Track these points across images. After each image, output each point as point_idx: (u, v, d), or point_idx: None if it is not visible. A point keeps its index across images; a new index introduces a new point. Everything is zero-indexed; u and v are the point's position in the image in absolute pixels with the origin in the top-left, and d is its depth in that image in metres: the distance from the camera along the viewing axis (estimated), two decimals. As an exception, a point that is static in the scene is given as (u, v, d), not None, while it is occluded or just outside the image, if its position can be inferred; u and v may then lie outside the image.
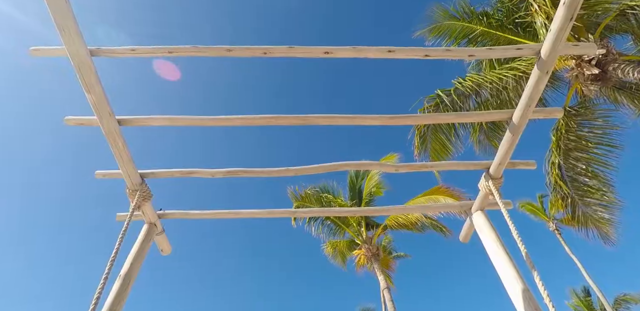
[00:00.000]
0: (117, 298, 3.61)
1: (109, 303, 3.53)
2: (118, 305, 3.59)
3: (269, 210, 4.42)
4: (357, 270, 14.12)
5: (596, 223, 9.45)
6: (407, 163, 3.85)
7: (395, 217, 12.00)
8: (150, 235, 4.36)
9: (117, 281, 3.78)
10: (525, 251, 2.83)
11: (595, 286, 17.52)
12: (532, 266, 2.73)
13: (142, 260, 4.13)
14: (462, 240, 4.49)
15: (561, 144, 8.89)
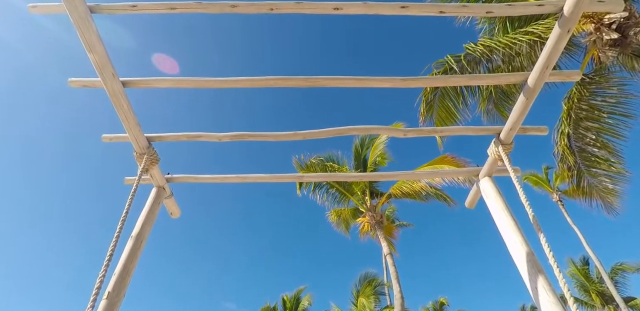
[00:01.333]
0: (131, 257, 3.73)
1: (123, 261, 3.65)
2: (131, 263, 3.71)
3: (276, 175, 4.43)
4: (361, 237, 14.50)
5: (601, 194, 9.47)
6: (415, 127, 3.78)
7: (400, 186, 12.09)
8: (159, 198, 4.43)
9: (129, 241, 3.88)
10: (533, 214, 2.83)
11: (593, 255, 17.92)
12: (538, 228, 2.74)
13: (152, 222, 4.22)
14: (467, 206, 4.51)
15: (572, 113, 8.71)
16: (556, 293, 3.00)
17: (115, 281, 3.46)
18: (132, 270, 3.68)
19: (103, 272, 2.71)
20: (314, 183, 12.93)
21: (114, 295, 3.38)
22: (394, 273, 10.09)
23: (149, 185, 4.59)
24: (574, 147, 9.04)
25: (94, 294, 2.56)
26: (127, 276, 3.61)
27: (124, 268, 3.61)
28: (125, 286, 3.55)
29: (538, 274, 3.09)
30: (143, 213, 4.18)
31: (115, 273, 3.56)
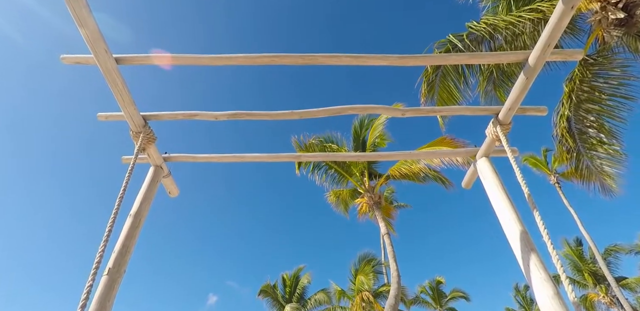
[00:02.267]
0: (130, 234, 3.77)
1: (122, 238, 3.70)
2: (131, 241, 3.76)
3: (274, 154, 4.43)
4: (359, 218, 14.67)
5: (599, 176, 9.51)
6: (414, 107, 3.75)
7: (399, 167, 12.12)
8: (156, 177, 4.44)
9: (128, 219, 3.92)
10: (528, 192, 2.85)
11: (588, 236, 18.21)
12: (533, 206, 2.76)
13: (150, 200, 4.25)
14: (464, 186, 4.54)
15: (573, 95, 8.62)
16: (547, 270, 3.06)
17: (115, 258, 3.52)
18: (131, 247, 3.73)
19: (102, 248, 2.75)
20: (312, 164, 12.96)
21: (114, 271, 3.44)
22: (391, 252, 10.27)
23: (147, 164, 4.60)
24: (574, 129, 9.00)
25: (94, 268, 2.60)
26: (127, 253, 3.66)
27: (123, 245, 3.67)
28: (126, 262, 3.61)
29: (531, 252, 3.14)
30: (141, 192, 4.20)
31: (115, 250, 3.61)
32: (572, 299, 2.17)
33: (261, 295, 25.64)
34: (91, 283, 2.50)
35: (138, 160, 4.67)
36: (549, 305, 2.83)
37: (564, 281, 2.32)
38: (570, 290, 2.20)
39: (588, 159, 9.11)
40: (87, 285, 2.48)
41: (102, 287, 3.28)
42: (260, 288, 25.68)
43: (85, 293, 2.44)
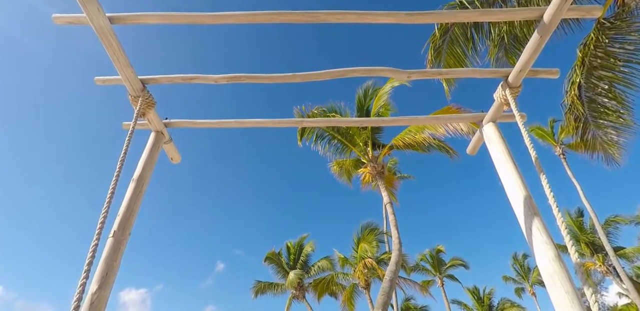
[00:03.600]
0: (133, 198, 3.80)
1: (126, 202, 3.73)
2: (135, 204, 3.79)
3: (276, 119, 4.35)
4: (362, 188, 14.79)
5: (604, 146, 9.40)
6: (420, 69, 3.60)
7: (403, 137, 12.01)
8: (158, 142, 4.40)
9: (131, 184, 3.94)
10: (536, 156, 2.79)
11: (589, 207, 18.35)
12: (540, 170, 2.71)
13: (152, 166, 4.24)
14: (469, 152, 4.48)
15: (586, 61, 8.31)
16: (550, 234, 3.07)
17: (119, 221, 3.57)
18: (135, 211, 3.77)
19: (106, 209, 2.76)
20: (315, 134, 12.88)
21: (119, 234, 3.50)
22: (393, 220, 10.42)
23: (148, 130, 4.56)
24: (584, 97, 8.77)
25: (98, 228, 2.63)
26: (131, 217, 3.71)
27: (127, 208, 3.70)
28: (130, 225, 3.66)
29: (534, 216, 3.13)
30: (143, 158, 4.19)
31: (119, 213, 3.66)
32: (574, 260, 2.17)
33: (266, 262, 26.54)
34: (96, 243, 2.53)
35: (139, 126, 4.64)
36: (550, 267, 2.85)
37: (567, 243, 2.31)
38: (573, 251, 2.20)
39: (595, 128, 8.95)
40: (92, 244, 2.52)
41: (108, 248, 3.36)
42: (266, 255, 26.53)
43: (91, 251, 2.48)
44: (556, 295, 2.76)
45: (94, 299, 3.06)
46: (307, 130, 12.80)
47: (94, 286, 3.13)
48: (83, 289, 2.26)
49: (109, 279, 3.23)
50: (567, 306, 2.67)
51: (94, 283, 3.15)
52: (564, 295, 2.71)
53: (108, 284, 3.22)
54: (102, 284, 3.16)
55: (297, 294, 24.57)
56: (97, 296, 3.08)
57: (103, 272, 3.22)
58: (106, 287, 3.19)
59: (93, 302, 3.04)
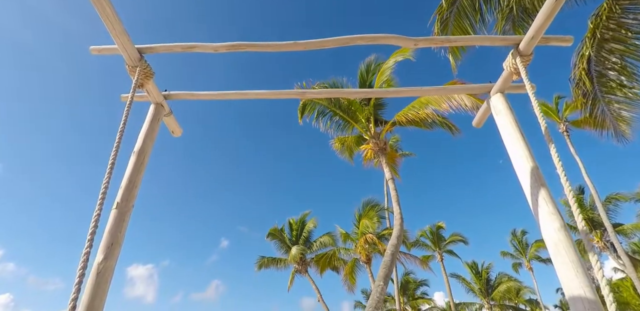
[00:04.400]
0: (135, 171, 3.77)
1: (128, 174, 3.70)
2: (137, 177, 3.76)
3: (277, 91, 4.23)
4: (364, 164, 14.77)
5: (613, 122, 9.25)
6: (427, 36, 3.45)
7: (406, 113, 11.84)
8: (157, 115, 4.32)
9: (132, 157, 3.90)
10: (545, 125, 2.71)
11: (590, 183, 18.38)
12: (549, 139, 2.64)
13: (153, 138, 4.18)
14: (475, 124, 4.38)
15: (597, 33, 8.02)
16: (556, 204, 3.04)
17: (122, 193, 3.56)
18: (138, 183, 3.75)
19: (107, 179, 2.72)
20: (317, 111, 12.72)
21: (123, 205, 3.50)
22: (394, 196, 10.45)
23: (148, 103, 4.47)
24: (593, 71, 8.54)
25: (100, 198, 2.60)
26: (134, 189, 3.69)
27: (129, 181, 3.68)
28: (133, 197, 3.65)
29: (541, 187, 3.09)
30: (143, 130, 4.13)
31: (122, 186, 3.64)
32: (581, 228, 2.14)
33: (269, 238, 27.04)
34: (99, 213, 2.51)
35: (139, 98, 4.55)
36: (555, 237, 2.84)
37: (574, 212, 2.27)
38: (580, 219, 2.17)
39: (604, 104, 8.77)
40: (94, 214, 2.50)
41: (112, 220, 3.37)
42: (269, 231, 27.00)
43: (94, 221, 2.46)
44: (560, 265, 2.76)
45: (101, 269, 3.09)
46: (308, 107, 12.63)
47: (100, 256, 3.16)
48: (87, 258, 2.26)
49: (114, 250, 3.25)
50: (572, 275, 2.68)
51: (100, 254, 3.17)
52: (569, 263, 2.71)
53: (114, 255, 3.24)
54: (108, 254, 3.19)
55: (300, 269, 25.19)
56: (103, 266, 3.11)
57: (108, 243, 3.24)
58: (112, 258, 3.21)
59: (100, 272, 3.07)
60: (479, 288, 38.76)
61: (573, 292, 2.65)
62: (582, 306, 2.57)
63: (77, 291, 2.06)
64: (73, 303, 2.02)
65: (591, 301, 2.55)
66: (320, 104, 12.55)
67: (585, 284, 2.63)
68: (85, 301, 2.86)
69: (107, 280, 3.09)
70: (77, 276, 2.10)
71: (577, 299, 2.62)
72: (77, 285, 2.08)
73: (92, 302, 2.83)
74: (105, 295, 3.01)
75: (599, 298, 2.66)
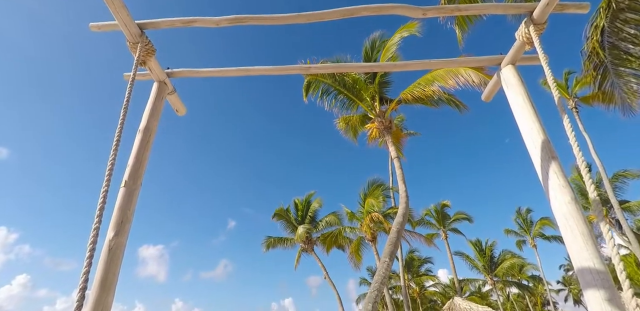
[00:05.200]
0: (141, 149, 3.76)
1: (134, 152, 3.70)
2: (143, 155, 3.75)
3: (281, 66, 4.14)
4: (369, 143, 14.68)
5: (622, 95, 9.05)
6: (436, 5, 3.31)
7: (412, 90, 11.64)
8: (161, 93, 4.28)
9: (138, 135, 3.89)
10: (559, 95, 2.63)
11: (599, 161, 18.21)
12: (562, 110, 2.57)
13: (158, 116, 4.15)
14: (484, 98, 4.29)
15: (612, 2, 7.71)
16: (566, 177, 3.00)
17: (130, 172, 3.57)
18: (145, 161, 3.75)
19: (113, 156, 2.71)
20: (321, 89, 12.54)
21: (131, 183, 3.51)
22: (400, 174, 10.44)
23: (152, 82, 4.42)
24: (606, 43, 8.27)
25: (107, 174, 2.60)
26: (141, 167, 3.69)
27: (136, 159, 3.68)
28: (141, 176, 3.66)
29: (551, 160, 3.04)
30: (147, 108, 4.10)
31: (129, 164, 3.64)
32: (592, 197, 2.11)
33: (275, 218, 27.41)
34: (106, 189, 2.51)
35: (141, 76, 4.50)
36: (565, 210, 2.82)
37: (587, 182, 2.24)
38: (592, 189, 2.13)
39: (615, 76, 8.54)
40: (102, 190, 2.50)
41: (121, 198, 3.39)
42: (274, 212, 27.33)
43: (102, 197, 2.47)
44: (570, 237, 2.75)
45: (112, 245, 3.13)
46: (312, 85, 12.44)
47: (111, 233, 3.20)
48: (97, 233, 2.28)
49: (124, 227, 3.29)
50: (581, 247, 2.67)
51: (111, 231, 3.22)
52: (579, 236, 2.70)
53: (124, 231, 3.28)
54: (119, 231, 3.23)
55: (306, 247, 25.65)
56: (114, 243, 3.16)
57: (118, 220, 3.28)
58: (122, 234, 3.26)
59: (111, 248, 3.12)
60: (483, 265, 39.41)
61: (582, 264, 2.65)
62: (591, 277, 2.57)
63: (89, 265, 2.09)
64: (85, 276, 2.06)
65: (600, 271, 2.55)
66: (324, 83, 12.35)
67: (594, 255, 2.62)
68: (99, 275, 2.92)
69: (119, 256, 3.14)
70: (87, 251, 2.12)
71: (585, 270, 2.62)
72: (89, 258, 2.11)
73: (106, 276, 2.89)
74: (118, 270, 3.07)
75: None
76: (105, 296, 2.89)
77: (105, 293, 2.90)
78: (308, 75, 12.51)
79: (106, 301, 2.90)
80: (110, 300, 2.96)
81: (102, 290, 2.88)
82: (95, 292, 2.85)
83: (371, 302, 6.76)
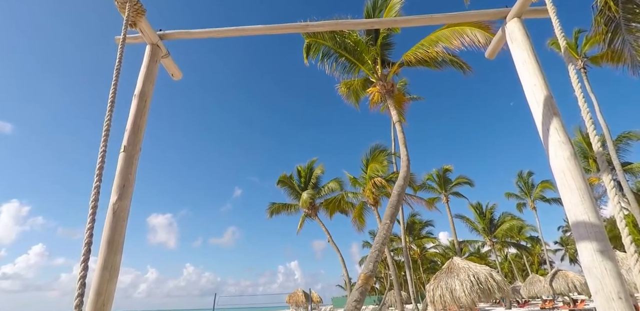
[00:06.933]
0: (138, 114, 3.73)
1: (132, 118, 3.68)
2: (141, 120, 3.73)
3: (278, 25, 3.98)
4: (371, 108, 14.49)
5: (632, 52, 8.74)
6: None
7: (415, 52, 11.26)
8: (155, 56, 4.17)
9: (134, 100, 3.84)
10: (565, 45, 2.52)
11: (603, 122, 18.00)
12: (569, 60, 2.48)
13: (153, 81, 4.08)
14: (488, 55, 4.15)
15: (630, -49, 7.22)
16: (567, 134, 2.97)
17: (128, 136, 3.57)
18: (143, 126, 3.73)
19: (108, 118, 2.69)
20: (322, 52, 12.16)
21: (130, 149, 3.52)
22: (402, 138, 10.40)
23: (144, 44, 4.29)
24: (619, -3, 7.84)
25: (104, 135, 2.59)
26: (139, 132, 3.68)
27: (134, 124, 3.67)
28: (139, 141, 3.66)
29: (553, 116, 2.99)
30: (141, 72, 4.02)
31: (127, 129, 3.63)
32: (596, 149, 2.09)
33: (279, 185, 27.86)
34: (104, 149, 2.52)
35: (133, 39, 4.35)
36: (564, 165, 2.82)
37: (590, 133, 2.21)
38: (596, 140, 2.11)
39: (626, 32, 8.19)
40: (100, 150, 2.51)
41: (122, 162, 3.42)
42: (278, 179, 27.73)
43: (100, 157, 2.48)
44: (567, 193, 2.77)
45: (116, 208, 3.20)
46: (312, 47, 12.05)
47: (114, 197, 3.26)
48: (97, 191, 2.32)
49: (127, 190, 3.34)
50: (578, 202, 2.69)
51: (114, 194, 3.27)
52: (576, 191, 2.72)
53: (127, 195, 3.34)
54: (122, 195, 3.29)
55: (310, 213, 26.28)
56: (118, 206, 3.22)
57: (120, 184, 3.33)
58: (126, 198, 3.32)
59: (116, 211, 3.19)
60: (483, 227, 40.47)
61: (577, 218, 2.69)
62: (585, 230, 2.62)
63: (92, 222, 2.14)
64: (89, 231, 2.11)
65: (595, 225, 2.59)
66: (324, 45, 11.96)
67: (590, 209, 2.66)
68: (105, 236, 3.02)
69: (124, 218, 3.22)
70: (90, 208, 2.17)
71: (580, 224, 2.66)
72: (92, 215, 2.16)
73: (113, 236, 2.99)
74: (124, 232, 3.16)
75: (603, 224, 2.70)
76: (113, 255, 2.99)
77: (113, 252, 3.00)
78: (308, 37, 12.09)
79: (114, 260, 3.01)
80: (119, 260, 3.07)
81: (109, 249, 2.99)
82: (103, 251, 2.96)
83: (372, 261, 7.02)
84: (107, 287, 2.81)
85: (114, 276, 2.91)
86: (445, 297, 12.40)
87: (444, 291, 12.50)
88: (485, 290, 12.06)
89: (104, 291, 2.76)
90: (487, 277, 12.37)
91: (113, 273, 2.94)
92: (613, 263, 2.45)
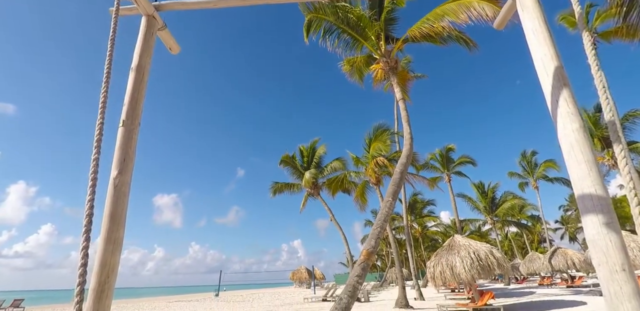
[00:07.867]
0: (136, 88, 3.66)
1: (129, 92, 3.61)
2: (139, 94, 3.66)
3: (277, -6, 3.81)
4: (374, 86, 14.26)
5: (647, 26, 8.43)
6: None
7: (419, 27, 10.89)
8: (151, 28, 4.04)
9: (131, 73, 3.76)
10: (580, 11, 2.40)
11: (610, 97, 17.71)
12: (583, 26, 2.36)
13: (150, 54, 3.98)
14: (496, 26, 3.99)
15: None
16: (577, 106, 2.88)
17: (127, 110, 3.51)
18: (141, 100, 3.66)
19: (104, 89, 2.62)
20: (323, 28, 11.80)
21: (129, 123, 3.47)
22: (405, 116, 10.26)
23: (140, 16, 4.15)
24: (636, -35, 7.48)
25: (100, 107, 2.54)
26: (138, 106, 3.62)
27: (132, 98, 3.61)
28: (138, 115, 3.60)
29: (563, 87, 2.89)
30: (138, 45, 3.92)
31: (125, 103, 3.57)
32: (608, 118, 2.02)
33: (282, 165, 27.93)
34: (102, 121, 2.47)
35: (129, 11, 4.22)
36: (572, 137, 2.75)
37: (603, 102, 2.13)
38: (608, 109, 2.03)
39: (642, 5, 7.87)
40: (97, 123, 2.45)
41: (121, 137, 3.38)
42: (281, 159, 27.77)
43: (98, 129, 2.43)
44: (575, 165, 2.71)
45: (117, 183, 3.19)
46: (314, 24, 11.70)
47: (114, 171, 3.24)
48: (97, 163, 2.29)
49: (127, 165, 3.32)
50: (585, 174, 2.64)
51: (114, 169, 3.25)
52: (583, 163, 2.66)
53: (127, 170, 3.32)
54: (122, 169, 3.27)
55: (312, 192, 26.46)
56: (119, 181, 3.21)
57: (120, 158, 3.30)
58: (126, 172, 3.30)
59: (117, 185, 3.18)
60: (484, 206, 40.76)
61: (584, 190, 2.64)
62: (591, 203, 2.58)
63: (92, 193, 2.12)
64: (90, 203, 2.10)
65: (602, 197, 2.55)
66: (326, 21, 11.60)
67: (597, 182, 2.60)
68: (107, 210, 3.01)
69: (125, 193, 3.21)
70: (90, 180, 2.14)
71: (586, 196, 2.62)
72: (92, 187, 2.13)
73: (115, 209, 2.99)
74: (126, 206, 3.15)
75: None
76: (115, 229, 3.00)
77: (115, 226, 3.01)
78: (309, 12, 11.73)
79: (117, 235, 3.02)
80: (121, 235, 3.08)
81: (112, 223, 2.99)
82: (105, 225, 2.96)
83: (374, 238, 7.08)
84: (111, 259, 2.84)
85: (117, 249, 2.93)
86: (446, 273, 12.62)
87: (445, 268, 12.71)
88: (485, 266, 12.26)
89: (108, 262, 2.78)
90: (487, 254, 12.54)
91: (116, 246, 2.96)
92: (618, 235, 2.43)
